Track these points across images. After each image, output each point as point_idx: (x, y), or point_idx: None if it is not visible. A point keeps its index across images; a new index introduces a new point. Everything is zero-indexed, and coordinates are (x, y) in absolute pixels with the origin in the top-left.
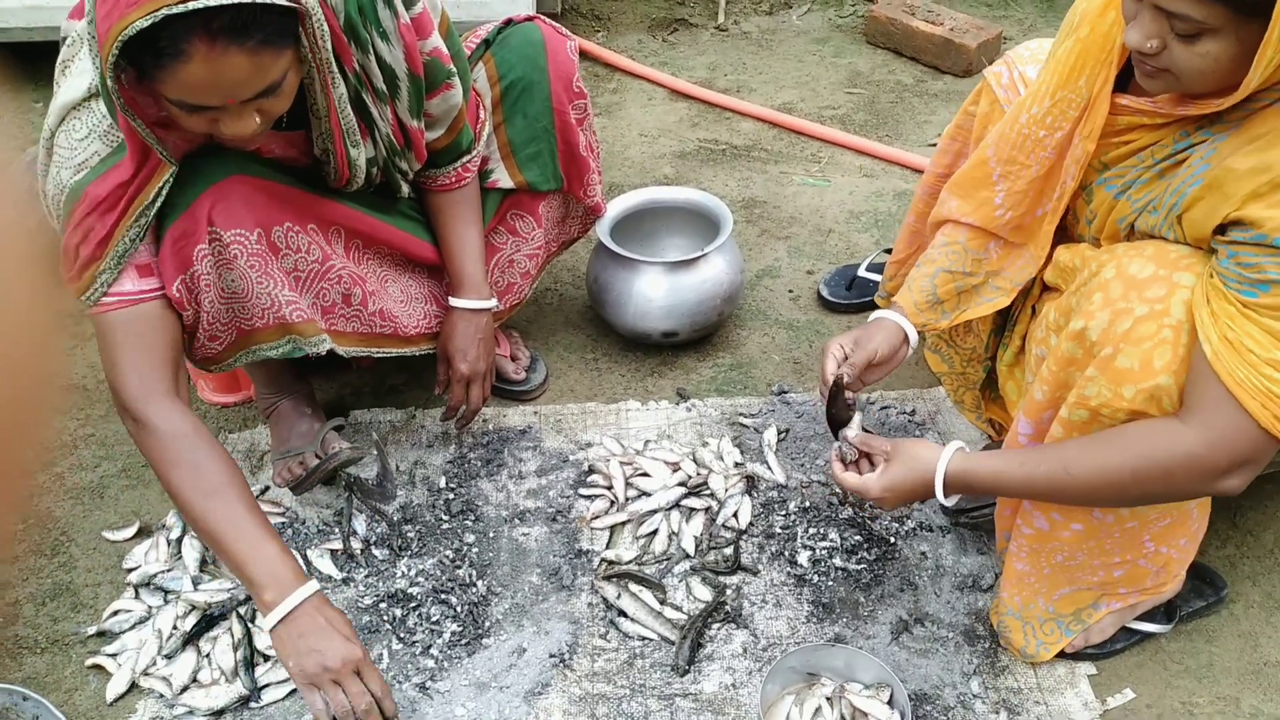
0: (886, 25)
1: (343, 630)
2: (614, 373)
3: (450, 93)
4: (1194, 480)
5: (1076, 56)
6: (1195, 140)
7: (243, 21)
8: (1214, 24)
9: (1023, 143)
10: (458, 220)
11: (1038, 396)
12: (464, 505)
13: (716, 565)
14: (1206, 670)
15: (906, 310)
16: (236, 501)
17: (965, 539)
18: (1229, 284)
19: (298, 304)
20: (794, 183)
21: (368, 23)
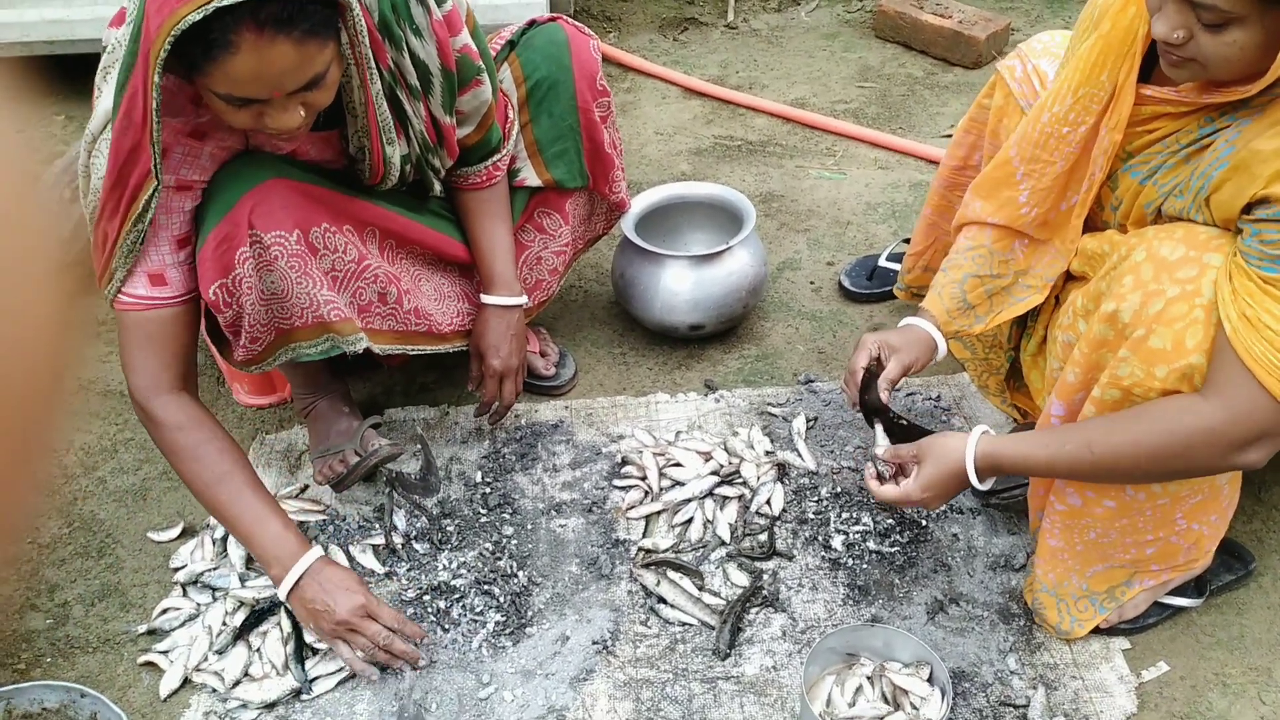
0: (895, 19)
1: (345, 584)
2: (642, 366)
3: (480, 89)
4: (1214, 454)
5: (1099, 53)
6: (1220, 125)
7: (288, 13)
8: (1240, 13)
9: (1045, 140)
10: (488, 218)
11: (1070, 379)
12: (501, 499)
13: (752, 551)
14: (1238, 642)
15: (939, 318)
16: (239, 486)
17: (996, 520)
18: (1250, 261)
19: (335, 303)
20: (810, 176)
21: (401, 20)
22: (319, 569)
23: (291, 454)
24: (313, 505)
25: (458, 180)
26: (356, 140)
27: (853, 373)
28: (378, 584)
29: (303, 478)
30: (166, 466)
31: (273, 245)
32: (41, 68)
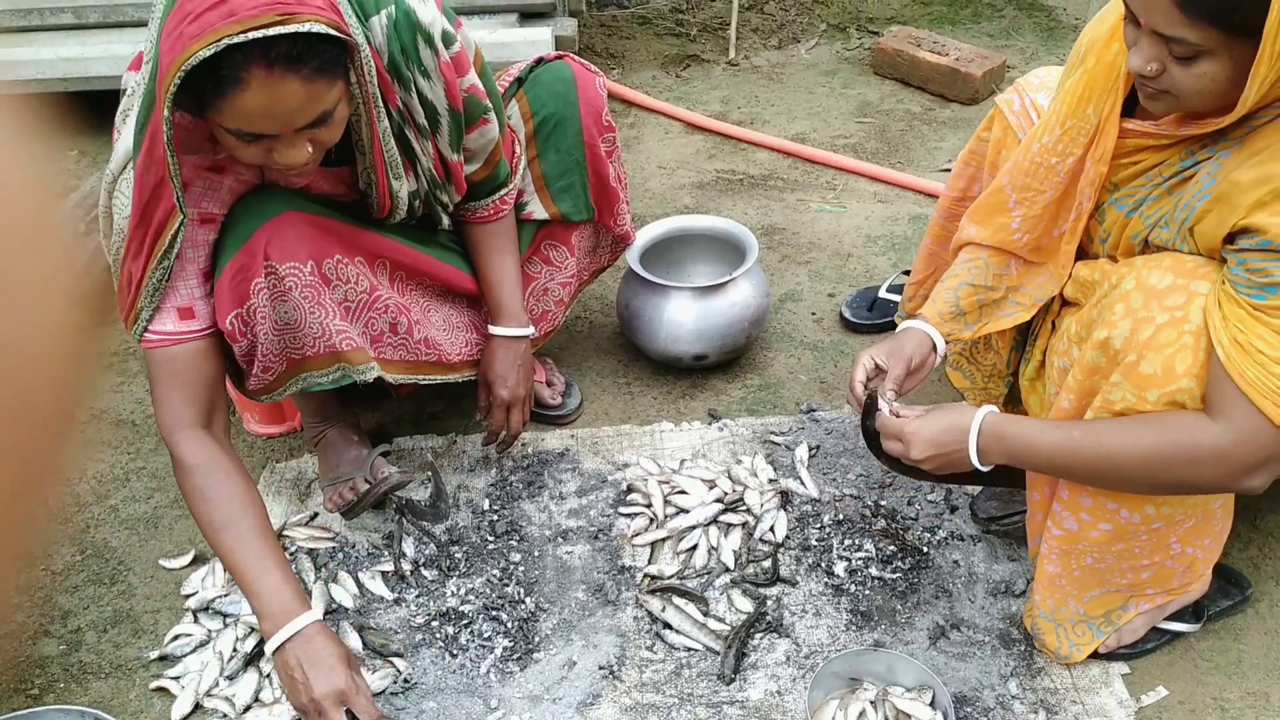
0: (893, 56)
1: (329, 662)
2: (646, 395)
3: (487, 127)
4: (1218, 474)
5: (1084, 87)
6: (1201, 158)
7: (298, 51)
8: (1208, 46)
9: (1035, 170)
10: (495, 251)
11: (1064, 405)
12: (508, 526)
13: (756, 577)
14: (1236, 667)
15: (931, 320)
16: (245, 533)
17: (996, 546)
18: (1239, 289)
19: (348, 333)
20: (811, 209)
21: (410, 62)
22: (309, 636)
23: (301, 482)
24: (322, 532)
25: (466, 214)
26: (365, 176)
27: (853, 389)
28: (387, 610)
29: (313, 505)
30: (178, 495)
31: (287, 276)
32: (56, 104)
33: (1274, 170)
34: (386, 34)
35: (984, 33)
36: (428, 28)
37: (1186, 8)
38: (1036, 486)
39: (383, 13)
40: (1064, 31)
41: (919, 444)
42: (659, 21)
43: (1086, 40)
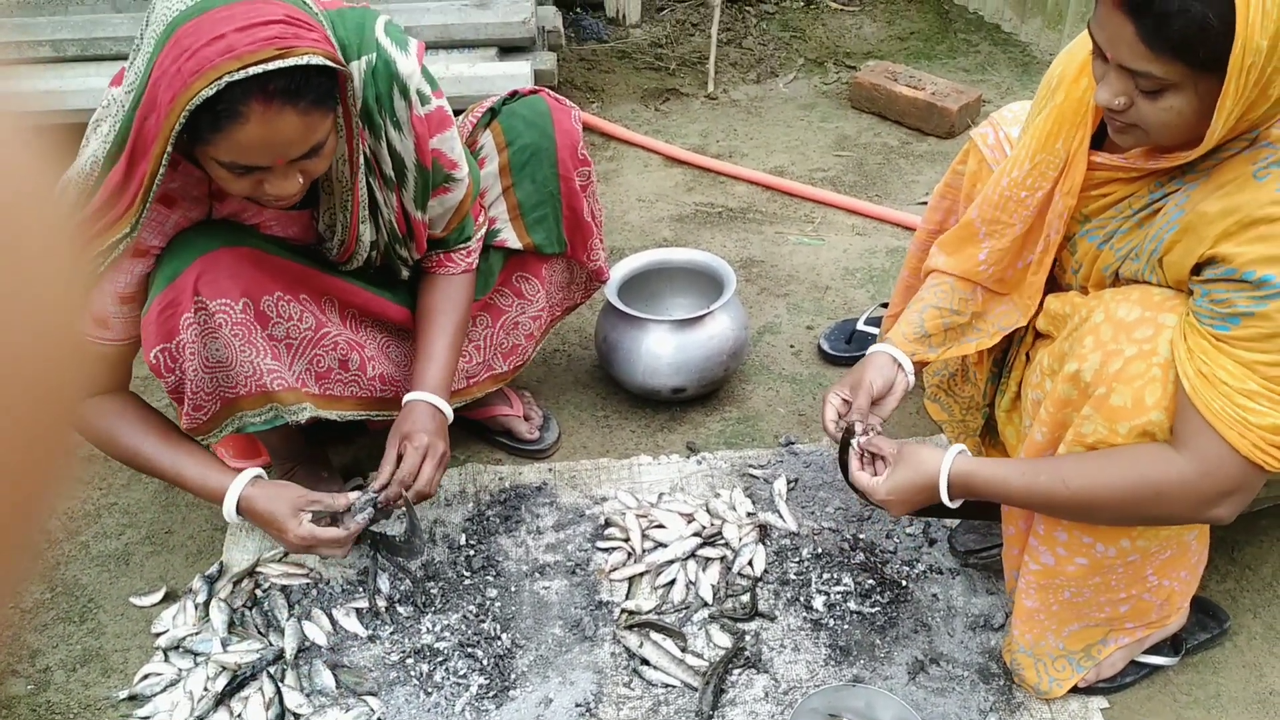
0: (870, 91)
1: (276, 524)
2: (624, 429)
3: (447, 196)
4: (1185, 505)
5: (1054, 122)
6: (1169, 190)
7: (295, 85)
8: (1174, 80)
9: (1005, 203)
10: (439, 314)
11: (1037, 438)
12: (485, 561)
13: (734, 612)
14: (1214, 701)
15: (896, 341)
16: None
17: (975, 580)
18: (1202, 320)
19: (279, 373)
20: (789, 242)
21: (383, 110)
22: (247, 508)
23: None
24: (296, 569)
25: (426, 262)
26: (329, 217)
27: (826, 430)
28: (361, 647)
29: None
30: (150, 531)
31: (217, 313)
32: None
33: (1240, 202)
34: (364, 79)
35: (960, 67)
36: (405, 79)
37: (1152, 42)
38: (1011, 521)
39: (363, 58)
40: (1038, 67)
41: (895, 507)
42: (638, 55)
43: (1056, 74)
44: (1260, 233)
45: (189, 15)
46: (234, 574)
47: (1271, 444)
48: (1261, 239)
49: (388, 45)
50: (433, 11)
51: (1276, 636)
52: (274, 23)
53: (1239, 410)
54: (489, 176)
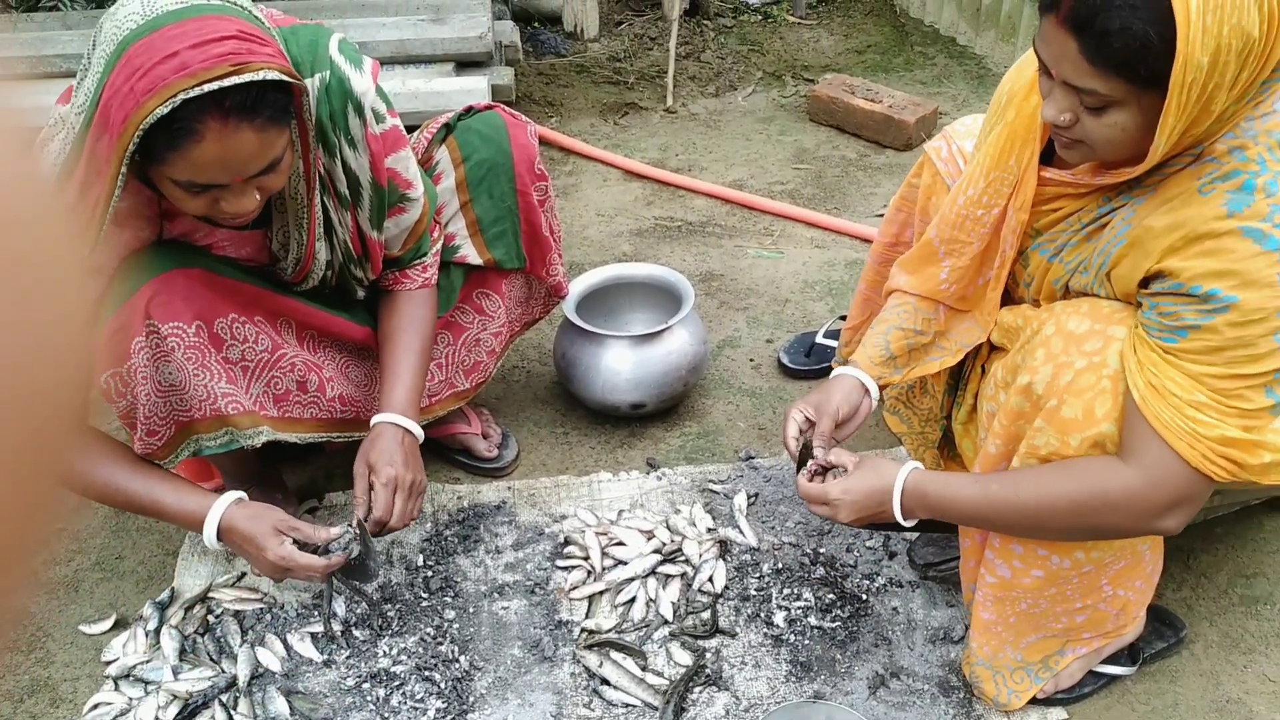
0: (828, 104)
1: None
2: (584, 445)
3: (403, 216)
4: (1134, 516)
5: (1006, 139)
6: (1116, 205)
7: (251, 101)
8: (1117, 96)
9: (962, 222)
10: (401, 347)
11: (991, 450)
12: (443, 582)
13: (695, 629)
14: (1172, 710)
15: (863, 365)
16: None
17: (935, 593)
18: (1151, 332)
19: (233, 396)
20: (749, 256)
21: (337, 128)
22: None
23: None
24: (250, 593)
25: (382, 280)
26: (283, 236)
27: (787, 445)
28: (316, 673)
29: (240, 565)
30: (99, 558)
31: (170, 336)
32: None
33: (1185, 217)
34: (317, 97)
35: (916, 80)
36: (359, 97)
37: (1094, 59)
38: (968, 534)
39: (317, 76)
40: (993, 79)
41: (845, 508)
42: (597, 70)
43: (1005, 91)
44: (1205, 247)
45: (140, 34)
46: (186, 600)
47: (1220, 454)
48: (1207, 254)
49: (341, 63)
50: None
51: (1233, 644)
52: (227, 39)
53: (1188, 421)
54: (446, 192)
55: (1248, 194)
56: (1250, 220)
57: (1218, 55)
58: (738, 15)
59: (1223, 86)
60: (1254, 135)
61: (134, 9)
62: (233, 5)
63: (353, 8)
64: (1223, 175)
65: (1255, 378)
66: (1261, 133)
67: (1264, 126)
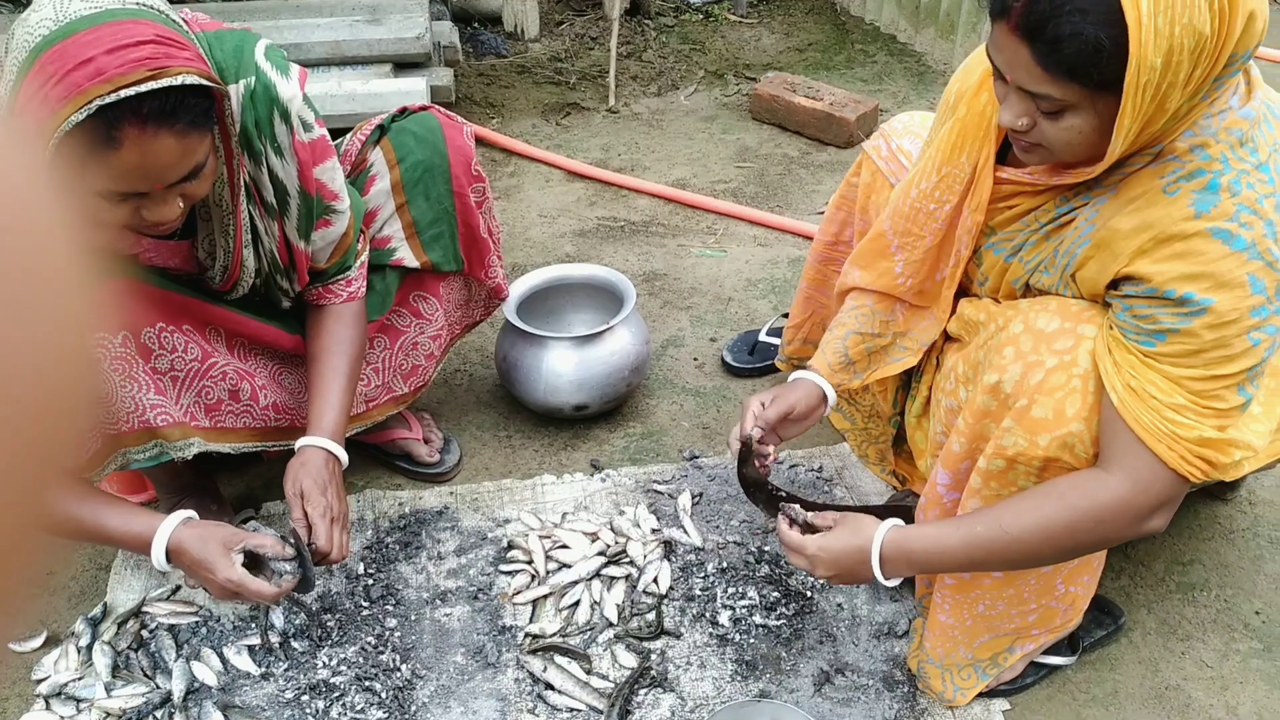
0: (770, 102)
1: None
2: (528, 449)
3: (329, 229)
4: (1123, 524)
5: (957, 135)
6: (1076, 204)
7: (170, 106)
8: (1072, 100)
9: (915, 215)
10: (330, 369)
11: (955, 448)
12: (384, 590)
13: (640, 631)
14: (1112, 698)
15: (822, 372)
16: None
17: (879, 588)
18: (1128, 336)
19: (162, 407)
20: (692, 255)
21: (263, 135)
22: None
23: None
24: (185, 607)
25: (307, 294)
26: (209, 244)
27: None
28: (254, 686)
29: (175, 578)
30: None
31: (95, 347)
32: None
33: (1153, 218)
34: (242, 103)
35: (857, 78)
36: (286, 103)
37: (1048, 65)
38: None
39: (242, 81)
40: (933, 76)
41: (821, 564)
42: (538, 70)
43: (955, 90)
44: (1175, 250)
45: (53, 40)
46: (119, 615)
47: (1198, 455)
48: (1177, 256)
49: (268, 69)
50: (323, 28)
51: (1170, 631)
52: (144, 43)
53: (1167, 424)
54: (380, 194)
55: (1213, 194)
56: (1218, 220)
57: (1170, 55)
58: (679, 14)
59: (1177, 85)
60: (1214, 133)
61: (46, 14)
62: (149, 9)
63: (287, 9)
64: (1187, 174)
65: (1231, 377)
66: (1221, 130)
67: (1223, 124)
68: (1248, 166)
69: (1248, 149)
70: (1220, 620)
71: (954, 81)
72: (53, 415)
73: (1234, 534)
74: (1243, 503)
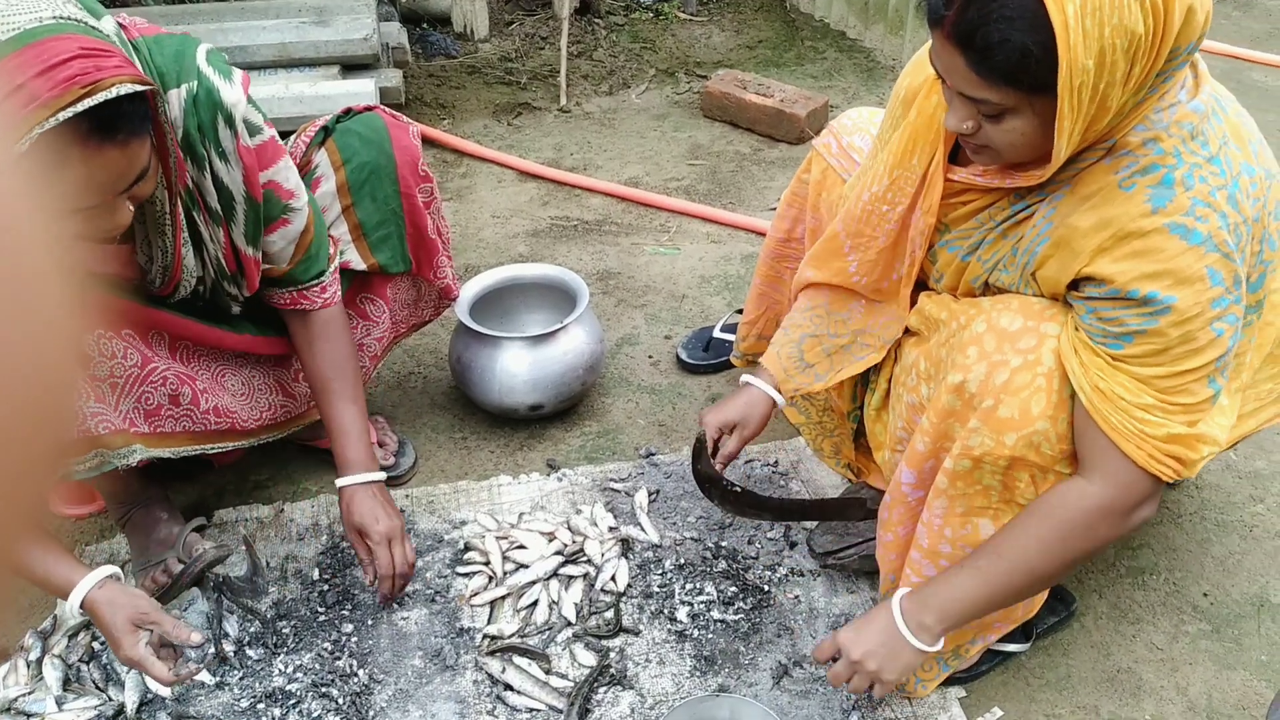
0: (721, 99)
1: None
2: (483, 450)
3: (288, 227)
4: (1113, 525)
5: (909, 138)
6: (1032, 200)
7: (108, 118)
8: (1010, 104)
9: (868, 217)
10: (337, 398)
11: (919, 448)
12: (340, 595)
13: (598, 630)
14: (1065, 682)
15: (776, 375)
16: None
17: (835, 580)
18: (1095, 340)
19: (103, 415)
20: (645, 253)
21: (206, 140)
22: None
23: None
24: None
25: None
26: (148, 247)
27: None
28: (208, 696)
29: None
30: None
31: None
32: None
33: (1111, 215)
34: (184, 108)
35: (807, 74)
36: (229, 108)
37: (982, 72)
38: (889, 527)
39: (183, 86)
40: (882, 72)
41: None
42: (488, 70)
43: (904, 88)
44: (1135, 248)
45: None
46: (69, 627)
47: (1166, 453)
48: (1137, 254)
49: (210, 73)
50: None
51: (1121, 615)
52: (71, 59)
53: (1136, 423)
54: (326, 196)
55: (1168, 188)
56: (1174, 216)
57: (1103, 56)
58: (629, 13)
59: (1115, 84)
60: (1165, 127)
61: None
62: (65, 21)
63: (231, 11)
64: (1141, 169)
65: (1198, 371)
66: (1172, 124)
67: (1173, 118)
68: (1200, 160)
69: (1199, 142)
70: (1169, 603)
71: (904, 76)
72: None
73: (1181, 518)
74: (1189, 487)
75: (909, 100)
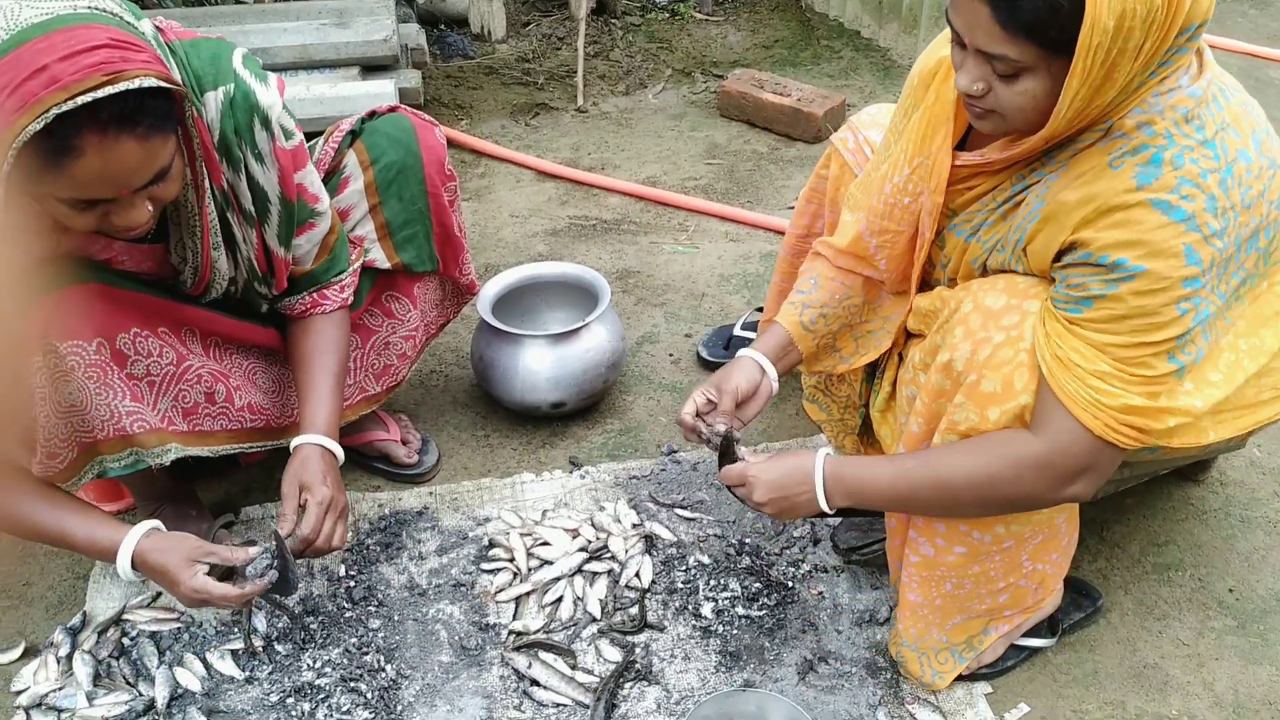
0: (738, 99)
1: (169, 575)
2: (506, 447)
3: (314, 231)
4: (1042, 485)
5: (927, 123)
6: (1030, 182)
7: (129, 109)
8: (1028, 62)
9: (890, 211)
10: (319, 369)
11: (914, 430)
12: (366, 591)
13: (623, 625)
14: (1092, 678)
15: (792, 331)
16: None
17: (859, 576)
18: (1058, 305)
19: (139, 414)
20: (664, 251)
21: (243, 142)
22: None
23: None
24: (166, 613)
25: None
26: (179, 248)
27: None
28: (238, 690)
29: (155, 585)
30: (5, 583)
31: (69, 355)
32: None
33: (1097, 190)
34: (221, 110)
35: (824, 73)
36: (266, 110)
37: (1006, 24)
38: (893, 514)
39: (220, 89)
40: (898, 70)
41: (760, 487)
42: (506, 71)
43: (918, 74)
44: (1116, 219)
45: (4, 50)
46: (99, 623)
47: (1124, 423)
48: (1117, 225)
49: (247, 76)
50: (290, 32)
51: (1147, 611)
52: (98, 48)
53: (1091, 391)
54: (354, 195)
55: (1155, 166)
56: (1158, 192)
57: (1123, 20)
58: (645, 13)
59: (1126, 53)
60: (1160, 111)
61: None
62: (101, 13)
63: (252, 13)
64: (1132, 150)
65: (1158, 345)
66: (1168, 108)
67: (1169, 102)
68: (1192, 142)
69: (1193, 125)
70: (1195, 599)
71: (918, 64)
72: None
73: (1206, 514)
74: (1214, 484)
75: (925, 82)
